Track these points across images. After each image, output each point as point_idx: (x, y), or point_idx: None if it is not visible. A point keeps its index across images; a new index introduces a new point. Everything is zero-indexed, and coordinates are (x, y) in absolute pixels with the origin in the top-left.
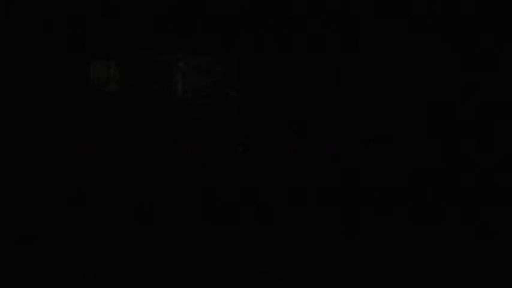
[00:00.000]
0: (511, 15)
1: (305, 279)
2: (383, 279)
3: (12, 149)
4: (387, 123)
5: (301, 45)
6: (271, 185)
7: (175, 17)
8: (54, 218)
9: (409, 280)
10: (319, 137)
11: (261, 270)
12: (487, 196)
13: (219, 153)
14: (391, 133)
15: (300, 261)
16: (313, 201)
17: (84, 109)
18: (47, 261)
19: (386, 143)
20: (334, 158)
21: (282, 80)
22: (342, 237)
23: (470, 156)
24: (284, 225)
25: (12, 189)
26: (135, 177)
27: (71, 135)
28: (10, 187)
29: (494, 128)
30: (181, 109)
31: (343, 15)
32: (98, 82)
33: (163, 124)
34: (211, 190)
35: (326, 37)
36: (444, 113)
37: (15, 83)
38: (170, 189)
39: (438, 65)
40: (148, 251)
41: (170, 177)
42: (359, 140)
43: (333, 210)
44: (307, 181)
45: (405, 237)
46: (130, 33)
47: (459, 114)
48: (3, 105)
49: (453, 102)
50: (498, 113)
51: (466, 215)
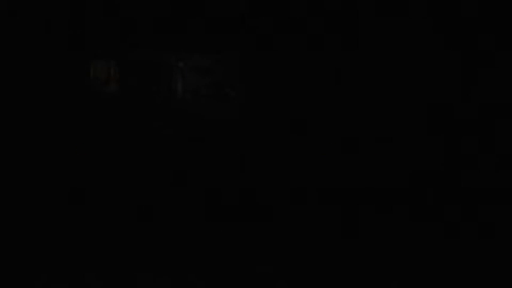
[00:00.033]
0: (511, 15)
1: (305, 279)
2: (383, 279)
3: (12, 148)
4: (387, 123)
5: (301, 45)
6: (271, 185)
7: (175, 17)
8: (54, 218)
9: (409, 280)
10: (319, 137)
11: (261, 270)
12: (487, 196)
13: (218, 153)
14: (391, 133)
15: (300, 261)
16: (313, 201)
17: (84, 109)
18: (47, 261)
19: (386, 143)
20: (334, 158)
21: (282, 80)
22: (342, 237)
23: (470, 156)
24: (284, 225)
25: (12, 189)
26: (135, 177)
27: (71, 135)
28: (10, 186)
29: (494, 128)
30: (181, 109)
31: (343, 15)
32: (98, 82)
33: (163, 124)
34: (211, 190)
35: (326, 37)
36: (444, 113)
37: (15, 83)
38: (170, 189)
39: (438, 64)
40: (148, 251)
41: (170, 177)
42: (359, 140)
43: (333, 210)
44: (307, 181)
45: (405, 237)
46: (130, 33)
47: (459, 114)
48: (3, 105)
49: (453, 102)
50: (498, 113)
51: (466, 215)
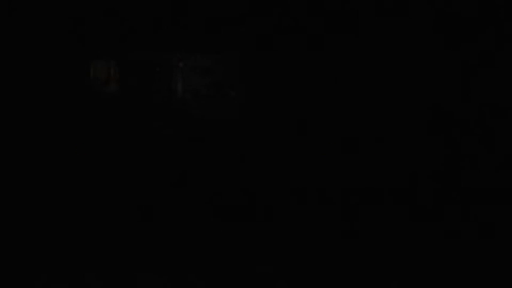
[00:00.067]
0: (511, 15)
1: (305, 279)
2: (383, 279)
3: (12, 148)
4: (387, 123)
5: (301, 45)
6: (271, 185)
7: (175, 17)
8: (54, 217)
9: (409, 280)
10: (320, 137)
11: (261, 270)
12: (487, 196)
13: (218, 153)
14: (391, 133)
15: (300, 261)
16: (313, 201)
17: (84, 109)
18: (47, 261)
19: (386, 143)
20: (334, 158)
21: (281, 79)
22: (342, 237)
23: (470, 156)
24: (284, 225)
25: (12, 189)
26: (135, 177)
27: (71, 135)
28: (10, 186)
29: (494, 128)
30: (181, 109)
31: (343, 15)
32: (98, 82)
33: (163, 124)
34: (211, 190)
35: (326, 37)
36: (444, 113)
37: (15, 83)
38: (170, 189)
39: (438, 64)
40: (148, 251)
41: (170, 177)
42: (359, 140)
43: (333, 210)
44: (307, 181)
45: (405, 237)
46: (130, 33)
47: (459, 114)
48: (3, 105)
49: (453, 102)
50: (498, 113)
51: (466, 215)
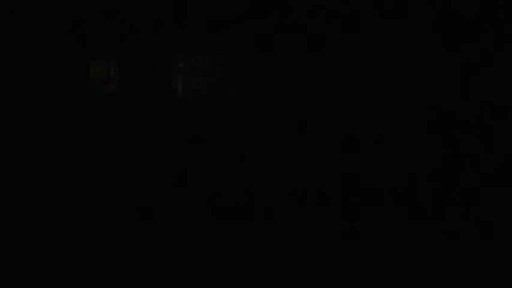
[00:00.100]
0: (511, 15)
1: (305, 279)
2: (383, 279)
3: (12, 148)
4: (387, 123)
5: (301, 45)
6: (271, 185)
7: (175, 17)
8: (54, 217)
9: (409, 280)
10: (320, 137)
11: (261, 270)
12: (487, 196)
13: (218, 153)
14: (391, 133)
15: (300, 261)
16: (313, 201)
17: (84, 109)
18: (47, 261)
19: (386, 143)
20: (334, 158)
21: (281, 79)
22: (342, 237)
23: (470, 156)
24: (284, 225)
25: (12, 189)
26: (135, 177)
27: (71, 135)
28: (10, 186)
29: (494, 128)
30: (181, 109)
31: (343, 15)
32: (98, 82)
33: (163, 124)
34: (211, 190)
35: (326, 37)
36: (444, 113)
37: (15, 83)
38: (170, 189)
39: (438, 65)
40: (148, 251)
41: (170, 177)
42: (359, 140)
43: (333, 210)
44: (307, 181)
45: (405, 237)
46: (130, 33)
47: (459, 114)
48: (3, 105)
49: (453, 102)
50: (498, 113)
51: (466, 215)
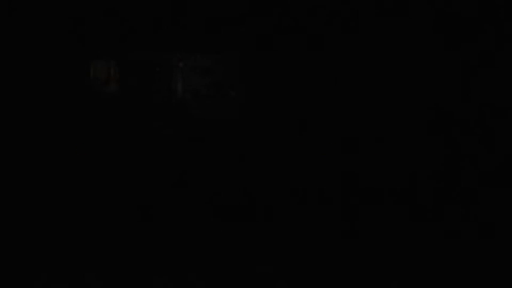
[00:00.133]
0: (511, 15)
1: (305, 279)
2: (383, 279)
3: (12, 148)
4: (387, 123)
5: (301, 45)
6: (271, 185)
7: (175, 17)
8: (55, 218)
9: (409, 280)
10: (320, 137)
11: (261, 270)
12: (487, 196)
13: (219, 153)
14: (391, 133)
15: (300, 261)
16: (313, 201)
17: (84, 109)
18: (47, 261)
19: (386, 143)
20: (334, 158)
21: (281, 79)
22: (342, 237)
23: (470, 156)
24: (284, 225)
25: (12, 189)
26: (135, 177)
27: (71, 135)
28: (10, 186)
29: (494, 128)
30: (181, 109)
31: (343, 15)
32: (98, 82)
33: (163, 124)
34: (211, 190)
35: (326, 37)
36: (444, 113)
37: (15, 83)
38: (170, 189)
39: (438, 65)
40: (148, 251)
41: (170, 177)
42: (359, 140)
43: (333, 210)
44: (308, 181)
45: (405, 237)
46: (130, 33)
47: (459, 114)
48: (3, 105)
49: (453, 102)
50: (498, 113)
51: (466, 215)
